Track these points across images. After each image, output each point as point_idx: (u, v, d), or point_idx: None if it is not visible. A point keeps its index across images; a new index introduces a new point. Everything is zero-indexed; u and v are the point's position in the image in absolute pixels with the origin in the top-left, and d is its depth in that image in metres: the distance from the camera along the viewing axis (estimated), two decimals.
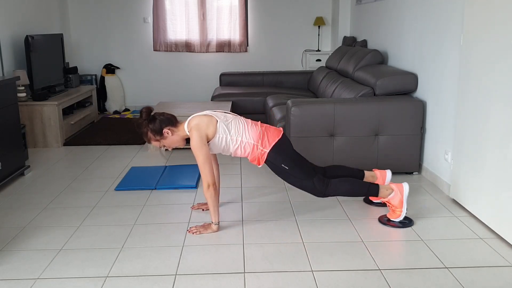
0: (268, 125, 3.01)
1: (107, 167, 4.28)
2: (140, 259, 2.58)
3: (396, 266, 2.48)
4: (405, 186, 2.98)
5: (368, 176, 3.23)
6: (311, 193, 2.98)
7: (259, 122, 3.00)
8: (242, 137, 2.87)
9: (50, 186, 3.79)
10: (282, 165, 2.89)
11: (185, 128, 2.87)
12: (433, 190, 3.61)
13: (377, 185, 3.00)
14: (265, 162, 2.91)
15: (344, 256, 2.59)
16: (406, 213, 2.98)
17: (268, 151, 2.87)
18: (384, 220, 3.02)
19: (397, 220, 2.97)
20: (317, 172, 3.00)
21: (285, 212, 3.21)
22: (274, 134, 2.92)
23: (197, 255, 2.62)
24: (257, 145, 2.87)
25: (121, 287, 2.32)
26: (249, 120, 2.99)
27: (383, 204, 3.22)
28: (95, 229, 2.97)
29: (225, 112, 2.99)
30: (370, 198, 3.27)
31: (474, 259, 2.55)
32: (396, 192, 2.97)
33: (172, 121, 2.91)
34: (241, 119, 2.96)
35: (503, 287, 2.28)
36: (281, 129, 3.00)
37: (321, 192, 2.94)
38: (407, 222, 2.98)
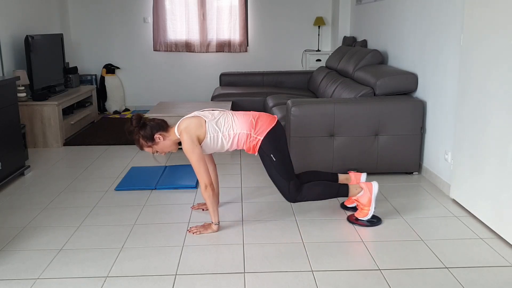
0: (261, 112, 2.99)
1: (107, 167, 4.28)
2: (140, 259, 2.58)
3: (396, 266, 2.48)
4: (375, 185, 2.99)
5: (343, 179, 3.22)
6: (282, 195, 2.96)
7: (252, 112, 2.98)
8: (234, 130, 2.86)
9: (50, 186, 3.79)
10: (271, 155, 2.87)
11: (176, 132, 2.87)
12: (433, 190, 3.61)
13: (347, 185, 3.01)
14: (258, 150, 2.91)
15: (344, 256, 2.59)
16: (374, 212, 2.99)
17: (262, 138, 2.86)
18: (353, 219, 3.02)
19: (365, 218, 2.98)
20: (295, 177, 2.98)
21: (285, 212, 3.21)
22: (268, 121, 2.90)
23: (197, 255, 2.62)
24: (250, 134, 2.87)
25: (121, 287, 2.32)
26: (238, 112, 2.98)
27: (355, 209, 3.17)
28: (95, 229, 2.97)
29: (212, 110, 2.98)
30: (345, 203, 3.25)
31: (474, 259, 2.55)
32: (365, 191, 2.98)
33: (163, 126, 2.89)
34: (229, 113, 2.95)
35: (503, 287, 2.28)
36: (276, 116, 2.99)
37: (292, 197, 2.93)
38: (375, 221, 2.99)
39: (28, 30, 5.48)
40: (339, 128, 3.78)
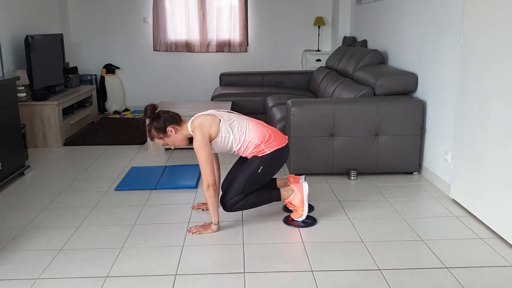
0: (275, 129, 3.01)
1: (107, 167, 4.28)
2: (140, 259, 2.58)
3: (396, 266, 2.48)
4: (305, 186, 3.00)
5: (281, 183, 3.20)
6: (222, 200, 2.91)
7: (266, 125, 2.99)
8: (245, 136, 2.87)
9: (50, 186, 3.79)
10: (261, 167, 2.88)
11: (189, 127, 2.88)
12: (433, 190, 3.61)
13: (278, 189, 3.02)
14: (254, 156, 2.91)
15: (344, 256, 2.59)
16: (308, 212, 3.01)
17: (269, 152, 2.88)
18: (288, 221, 3.03)
19: (300, 219, 2.99)
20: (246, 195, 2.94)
21: (285, 212, 3.21)
22: (280, 141, 2.93)
23: (197, 255, 2.62)
24: (259, 145, 2.88)
25: (121, 287, 2.32)
26: (254, 119, 2.99)
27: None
28: (95, 229, 2.97)
29: (228, 112, 2.99)
30: (286, 205, 3.20)
31: (474, 259, 2.55)
32: (296, 192, 2.99)
33: (176, 120, 2.91)
34: (244, 118, 2.96)
35: (503, 287, 2.28)
36: (286, 137, 3.01)
37: (227, 207, 2.90)
38: (309, 222, 3.00)
39: (28, 30, 5.48)
40: (339, 128, 3.78)
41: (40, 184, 3.84)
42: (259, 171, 2.88)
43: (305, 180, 3.13)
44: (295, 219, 3.01)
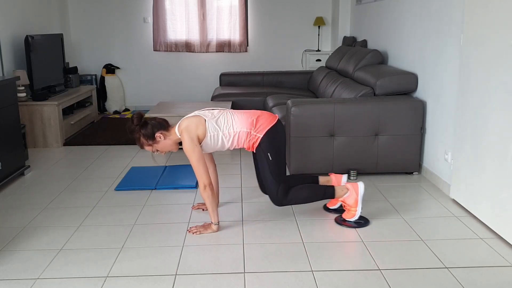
0: (263, 111, 3.00)
1: (107, 167, 4.28)
2: (140, 259, 2.58)
3: (396, 266, 2.48)
4: (361, 186, 2.97)
5: (323, 181, 3.20)
6: (270, 197, 2.95)
7: (253, 111, 2.98)
8: (234, 128, 2.87)
9: (50, 186, 3.79)
10: (268, 154, 2.87)
11: (176, 131, 2.87)
12: (433, 190, 3.61)
13: (333, 186, 3.01)
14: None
15: (344, 256, 2.59)
16: (361, 213, 2.98)
17: (261, 136, 2.86)
18: (340, 220, 3.01)
19: (352, 220, 2.97)
20: (285, 181, 2.96)
21: (285, 212, 3.21)
22: (268, 120, 2.91)
23: (197, 255, 2.62)
24: (250, 132, 2.87)
25: (121, 287, 2.32)
26: (238, 111, 2.98)
27: (340, 211, 3.15)
28: (95, 229, 2.97)
29: (212, 109, 2.98)
30: (327, 205, 3.24)
31: (474, 259, 2.55)
32: (352, 192, 2.97)
33: (164, 125, 2.90)
34: (228, 111, 2.95)
35: (503, 287, 2.28)
36: (277, 115, 2.99)
37: (279, 201, 2.93)
38: (362, 222, 2.98)
39: (28, 30, 5.48)
40: (339, 128, 3.78)
41: (40, 184, 3.84)
42: (271, 159, 2.87)
43: (355, 179, 3.13)
44: (347, 219, 2.98)
